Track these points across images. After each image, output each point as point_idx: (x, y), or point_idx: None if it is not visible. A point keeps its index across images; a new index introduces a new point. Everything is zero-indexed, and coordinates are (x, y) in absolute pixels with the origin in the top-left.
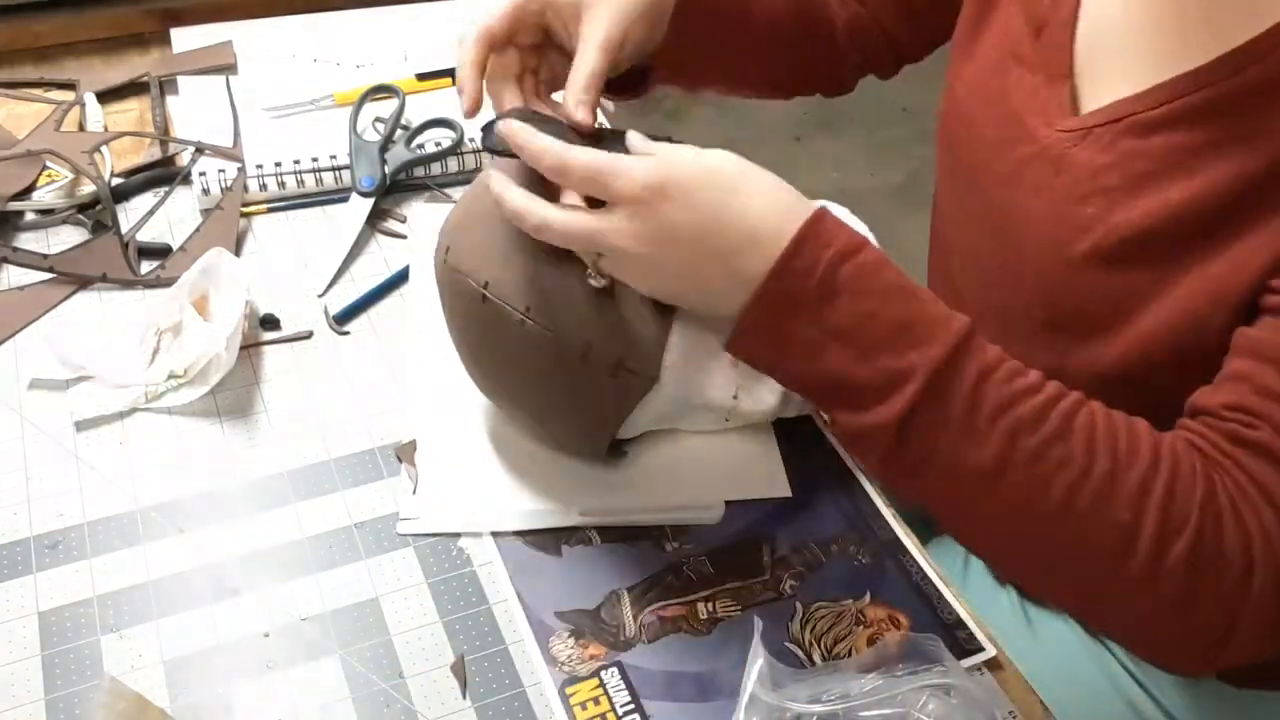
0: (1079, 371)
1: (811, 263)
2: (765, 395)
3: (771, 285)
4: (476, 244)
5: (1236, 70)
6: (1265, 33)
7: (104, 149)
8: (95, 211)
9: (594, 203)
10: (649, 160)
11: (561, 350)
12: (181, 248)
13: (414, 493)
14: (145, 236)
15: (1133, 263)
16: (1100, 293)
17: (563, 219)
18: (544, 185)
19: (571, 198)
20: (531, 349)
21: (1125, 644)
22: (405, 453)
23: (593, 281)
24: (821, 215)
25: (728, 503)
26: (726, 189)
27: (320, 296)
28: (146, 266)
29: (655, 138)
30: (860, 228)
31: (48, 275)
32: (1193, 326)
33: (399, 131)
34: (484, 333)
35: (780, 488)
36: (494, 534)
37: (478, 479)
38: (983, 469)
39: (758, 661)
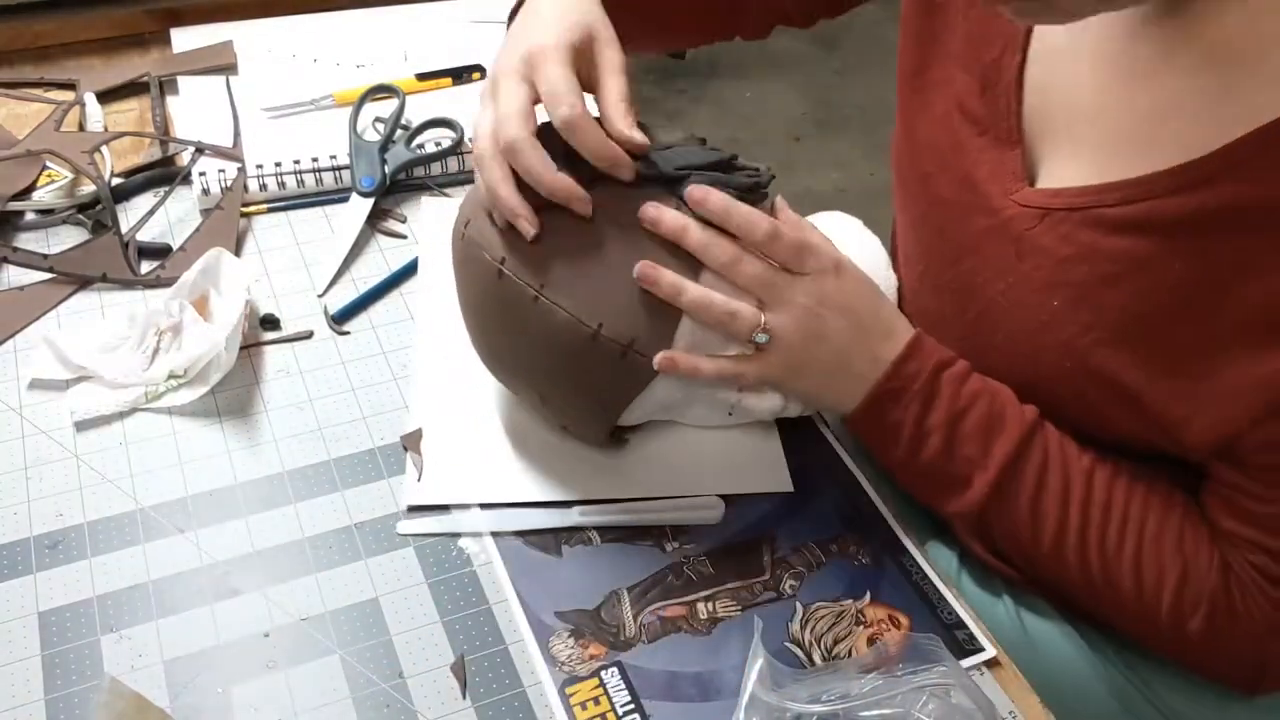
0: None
1: (918, 368)
2: (769, 392)
3: (886, 382)
4: (495, 221)
5: (1204, 181)
6: (1221, 150)
7: (104, 149)
8: (95, 211)
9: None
10: (829, 248)
11: (572, 330)
12: (181, 248)
13: (419, 479)
14: (145, 236)
15: (1099, 365)
16: (1068, 386)
17: (755, 265)
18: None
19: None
20: (543, 327)
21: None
22: (411, 440)
23: (758, 338)
24: (921, 334)
25: (728, 503)
26: (875, 287)
27: (320, 296)
28: (146, 266)
29: (698, 140)
30: (866, 234)
31: (48, 275)
32: (1164, 436)
33: (399, 131)
34: (497, 308)
35: (782, 482)
36: (494, 534)
37: (482, 466)
38: (1041, 547)
39: (758, 661)
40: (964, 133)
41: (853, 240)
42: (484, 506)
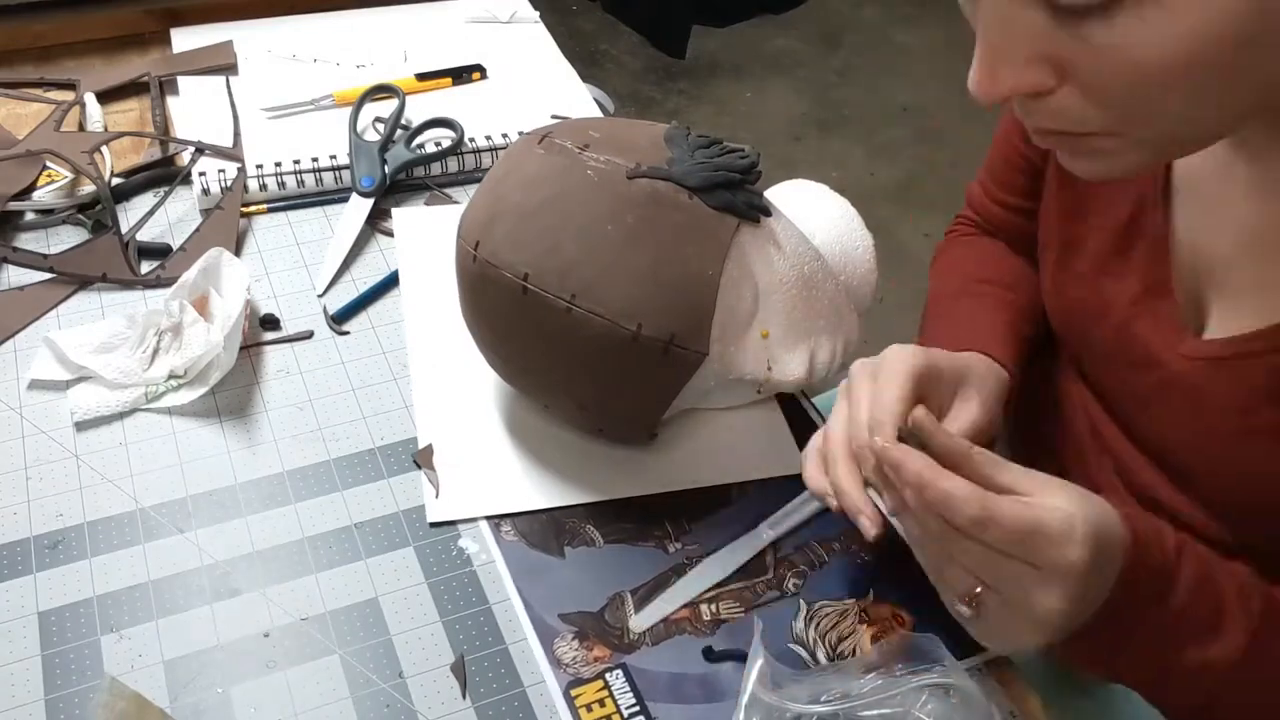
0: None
1: (1156, 566)
2: (794, 367)
3: (1120, 594)
4: (511, 236)
5: None
6: None
7: (104, 149)
8: (95, 211)
9: None
10: (1080, 531)
11: (611, 334)
12: (181, 248)
13: (437, 497)
14: (145, 236)
15: None
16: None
17: (973, 553)
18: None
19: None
20: (579, 337)
21: None
22: (423, 458)
23: (961, 608)
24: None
25: (729, 502)
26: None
27: (320, 296)
28: (146, 266)
29: (711, 138)
30: (832, 196)
31: (48, 275)
32: None
33: (399, 131)
34: (526, 325)
35: (795, 464)
36: (496, 536)
37: (499, 475)
38: None
39: (757, 661)
40: (1113, 291)
41: (818, 203)
42: (494, 518)
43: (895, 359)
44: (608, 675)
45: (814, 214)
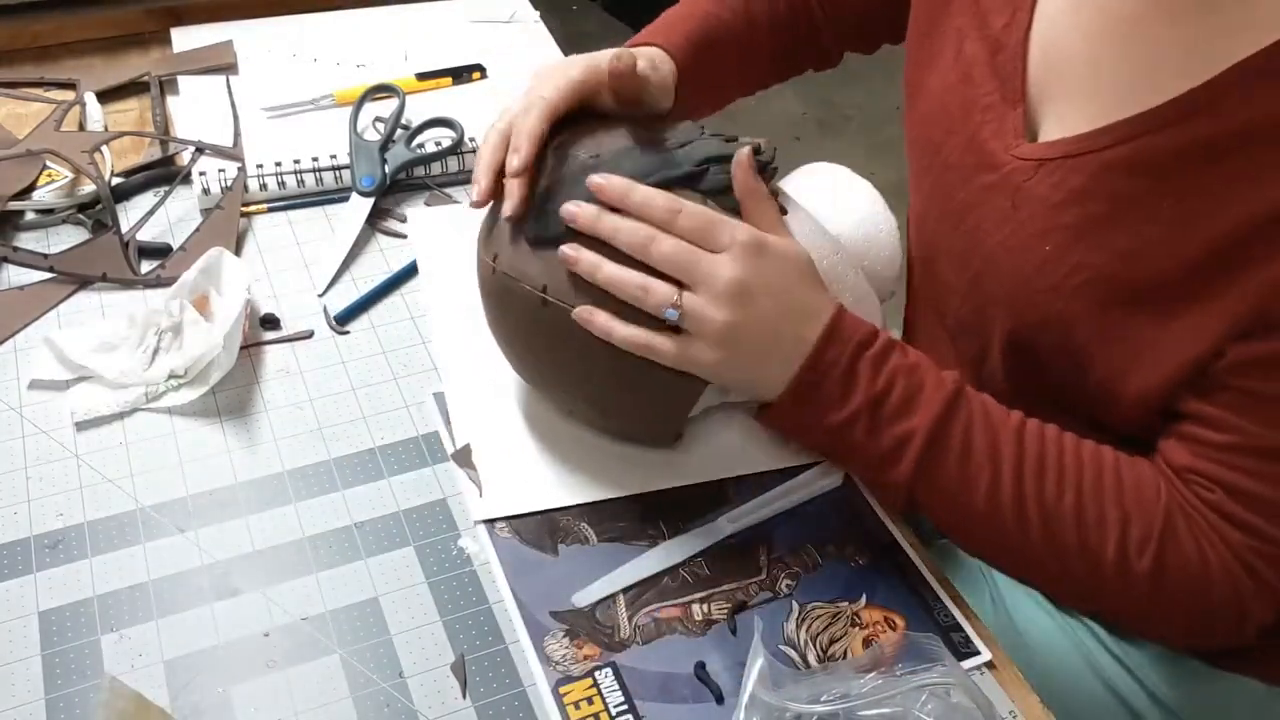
0: (1036, 399)
1: (837, 354)
2: None
3: (806, 372)
4: (530, 249)
5: (1169, 123)
6: (1201, 86)
7: (104, 149)
8: (95, 211)
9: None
10: (746, 226)
11: None
12: (181, 248)
13: (480, 495)
14: (145, 236)
15: (1086, 306)
16: (1054, 333)
17: (669, 244)
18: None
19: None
20: (601, 346)
21: (1120, 628)
22: (462, 457)
23: (668, 314)
24: (841, 313)
25: (725, 502)
26: (801, 265)
27: (320, 296)
28: (146, 266)
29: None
30: (856, 179)
31: (48, 275)
32: (1146, 380)
33: (399, 131)
34: (547, 336)
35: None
36: (490, 533)
37: (540, 472)
38: (974, 511)
39: (758, 661)
40: (972, 98)
41: (840, 188)
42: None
43: (556, 75)
44: (597, 674)
45: (835, 199)
